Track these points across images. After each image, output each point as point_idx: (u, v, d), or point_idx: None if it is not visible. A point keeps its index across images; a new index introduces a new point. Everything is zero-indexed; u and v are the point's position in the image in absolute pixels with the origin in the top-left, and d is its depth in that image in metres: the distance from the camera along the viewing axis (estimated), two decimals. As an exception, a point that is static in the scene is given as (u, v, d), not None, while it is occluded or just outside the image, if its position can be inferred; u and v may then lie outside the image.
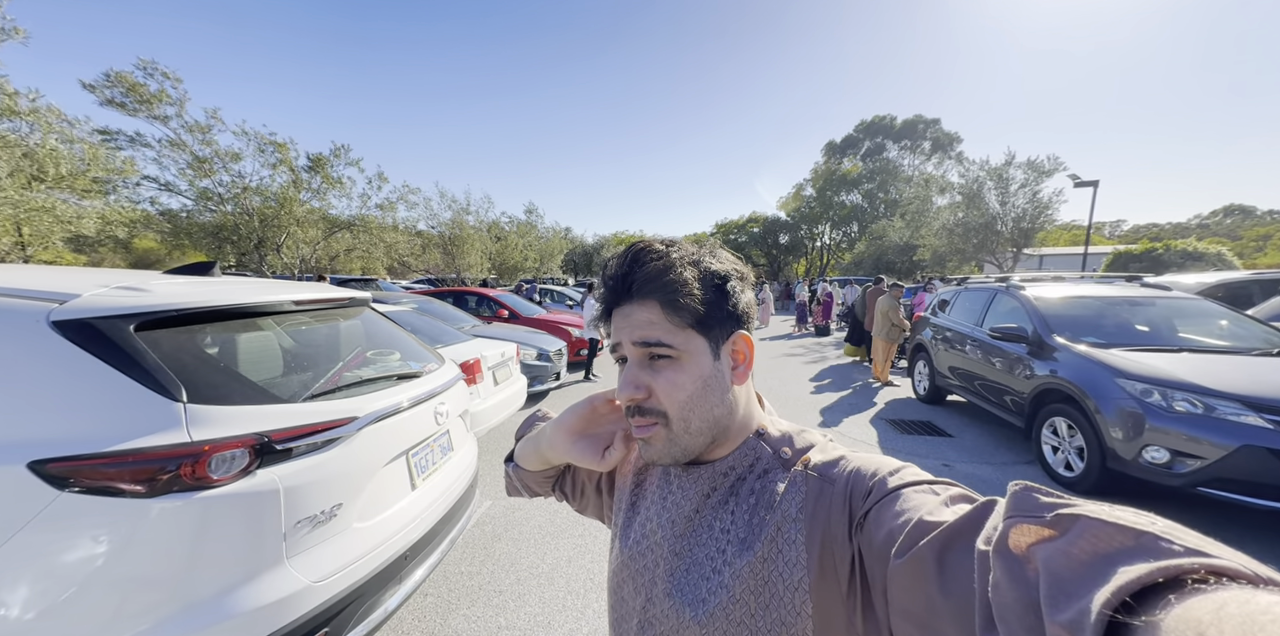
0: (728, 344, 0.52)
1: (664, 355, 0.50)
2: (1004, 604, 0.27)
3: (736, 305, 0.52)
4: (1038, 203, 15.29)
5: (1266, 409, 2.66)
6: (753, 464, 0.53)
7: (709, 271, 0.51)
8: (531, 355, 5.62)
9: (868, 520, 0.42)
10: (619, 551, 0.61)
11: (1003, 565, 0.28)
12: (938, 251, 18.33)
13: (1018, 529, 0.29)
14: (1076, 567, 0.25)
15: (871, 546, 0.40)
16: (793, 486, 0.49)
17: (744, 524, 0.49)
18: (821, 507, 0.46)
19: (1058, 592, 0.25)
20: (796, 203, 38.86)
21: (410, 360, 2.16)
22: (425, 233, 19.91)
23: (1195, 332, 3.83)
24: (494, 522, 3.03)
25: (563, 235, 37.27)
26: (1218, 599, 0.21)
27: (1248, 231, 43.20)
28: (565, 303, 13.21)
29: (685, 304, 0.49)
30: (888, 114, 36.59)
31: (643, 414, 0.51)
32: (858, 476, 0.46)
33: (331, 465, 1.47)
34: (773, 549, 0.47)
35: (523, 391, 4.56)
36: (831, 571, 0.44)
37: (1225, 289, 5.91)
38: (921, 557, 0.34)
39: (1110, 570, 0.24)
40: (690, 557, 0.52)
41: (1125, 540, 0.25)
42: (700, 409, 0.51)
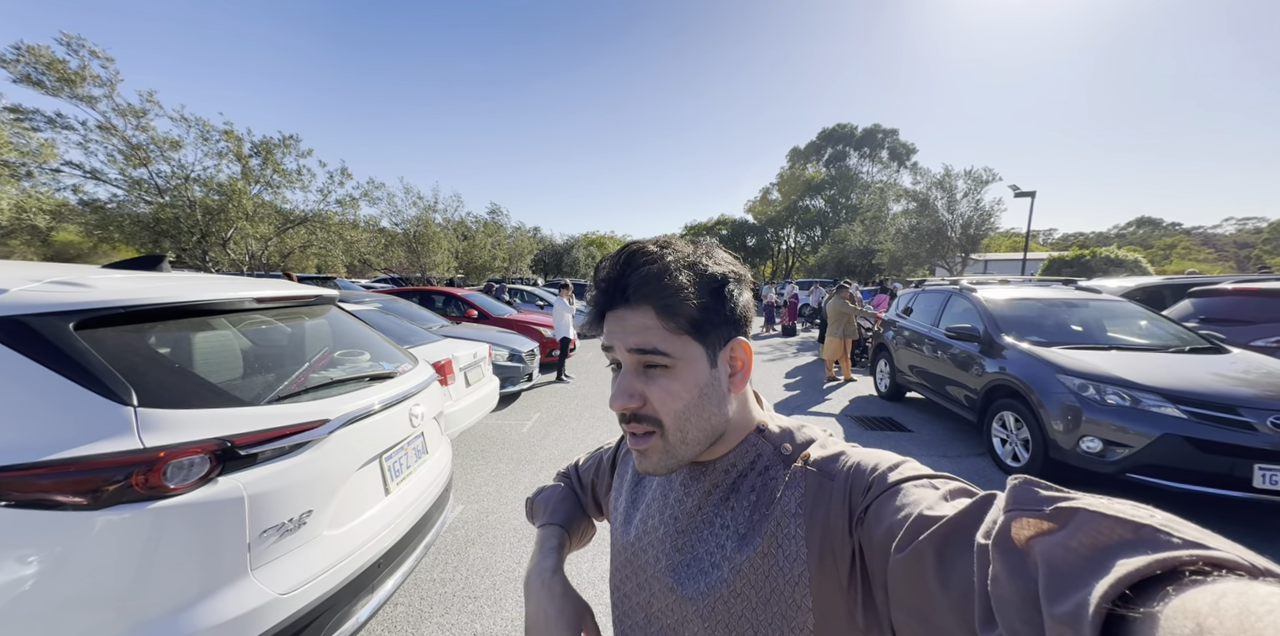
0: (725, 350, 0.50)
1: (659, 363, 0.48)
2: (1003, 597, 0.27)
3: (734, 309, 0.50)
4: (981, 211, 16.40)
5: (1182, 400, 2.95)
6: (754, 461, 0.52)
7: (706, 274, 0.49)
8: (503, 356, 5.51)
9: (868, 515, 0.42)
10: (621, 548, 0.60)
11: (1002, 558, 0.28)
12: (894, 255, 19.30)
13: (1017, 522, 0.29)
14: (1075, 560, 0.25)
15: (872, 541, 0.40)
16: (793, 482, 0.49)
17: (745, 519, 0.49)
18: (822, 502, 0.46)
19: (1056, 585, 0.25)
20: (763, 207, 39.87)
21: (382, 361, 2.08)
22: (389, 230, 19.13)
23: (1121, 332, 4.19)
24: (467, 527, 2.95)
25: (531, 235, 36.68)
26: (1216, 590, 0.21)
27: (1157, 241, 47.72)
28: (536, 303, 13.03)
29: (681, 309, 0.47)
30: (849, 123, 38.14)
31: (638, 421, 0.50)
32: (858, 471, 0.46)
33: (301, 470, 1.39)
34: (773, 544, 0.47)
35: (495, 392, 4.47)
36: (831, 565, 0.44)
37: (1143, 292, 6.53)
38: (921, 552, 0.34)
39: (1109, 562, 0.24)
40: (691, 553, 0.52)
41: (1124, 533, 0.25)
42: (696, 418, 0.49)
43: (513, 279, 27.23)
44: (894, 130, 36.44)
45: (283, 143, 13.67)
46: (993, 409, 3.96)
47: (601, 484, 0.75)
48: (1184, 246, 44.34)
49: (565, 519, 0.72)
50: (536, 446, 4.39)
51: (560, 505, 0.75)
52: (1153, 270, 14.88)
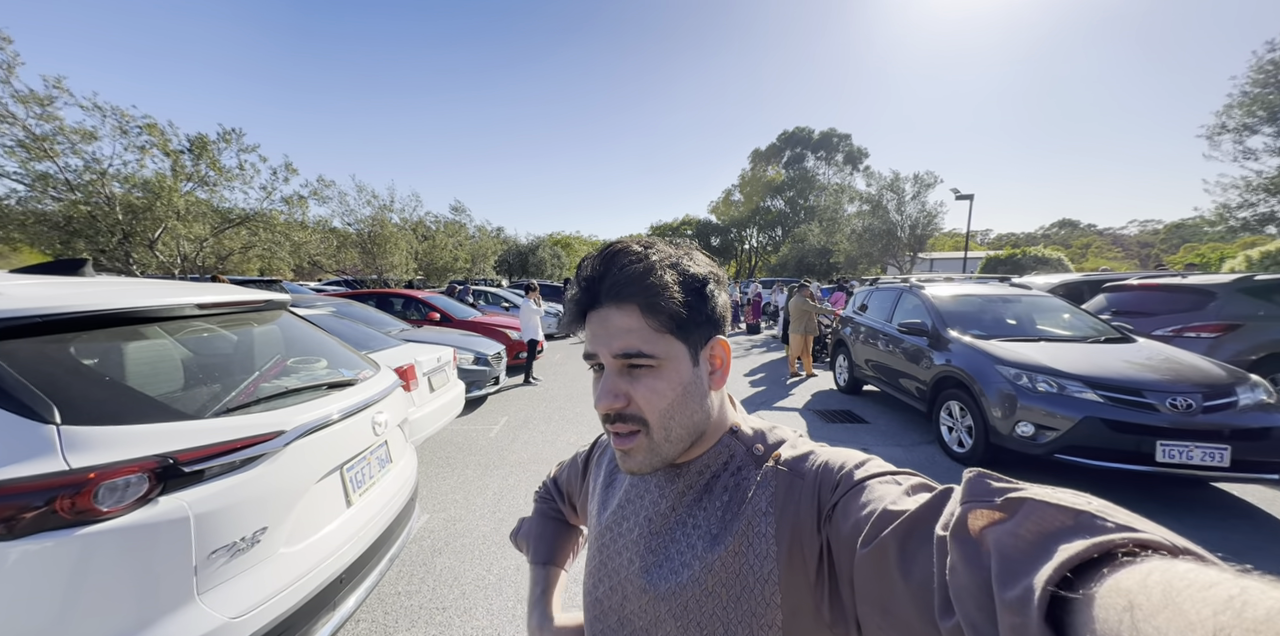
0: (706, 349, 0.52)
1: (644, 363, 0.49)
2: (960, 585, 0.28)
3: (714, 309, 0.51)
4: (926, 212, 17.46)
5: (1100, 386, 3.26)
6: (727, 461, 0.53)
7: (689, 274, 0.50)
8: (468, 359, 5.36)
9: (835, 512, 0.43)
10: (595, 551, 0.60)
11: (959, 549, 0.30)
12: (850, 255, 20.21)
13: (972, 513, 0.30)
14: (1024, 547, 0.27)
15: (839, 537, 0.41)
16: (765, 481, 0.50)
17: (717, 519, 0.50)
18: (791, 501, 0.47)
19: (1007, 572, 0.26)
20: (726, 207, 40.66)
21: (341, 367, 1.99)
22: (341, 230, 18.15)
23: (1048, 324, 4.57)
24: (433, 537, 2.86)
25: (495, 235, 35.83)
26: (1144, 569, 0.23)
27: (1075, 241, 52.19)
28: (501, 305, 12.74)
29: (665, 307, 0.47)
30: (806, 126, 39.52)
31: (623, 420, 0.50)
32: (826, 470, 0.47)
33: (254, 485, 1.32)
34: (744, 542, 0.47)
35: (460, 397, 4.34)
36: (800, 562, 0.45)
37: (1065, 288, 7.23)
38: (885, 545, 0.35)
39: (1052, 548, 0.26)
40: (664, 553, 0.52)
41: (1065, 519, 0.27)
42: (680, 416, 0.50)
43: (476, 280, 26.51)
44: (848, 135, 38.08)
45: (223, 137, 12.65)
46: (940, 399, 4.22)
47: (577, 489, 0.74)
48: (1097, 246, 48.63)
49: (549, 554, 0.74)
50: (505, 450, 4.31)
51: (542, 538, 0.75)
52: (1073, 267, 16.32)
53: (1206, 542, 0.25)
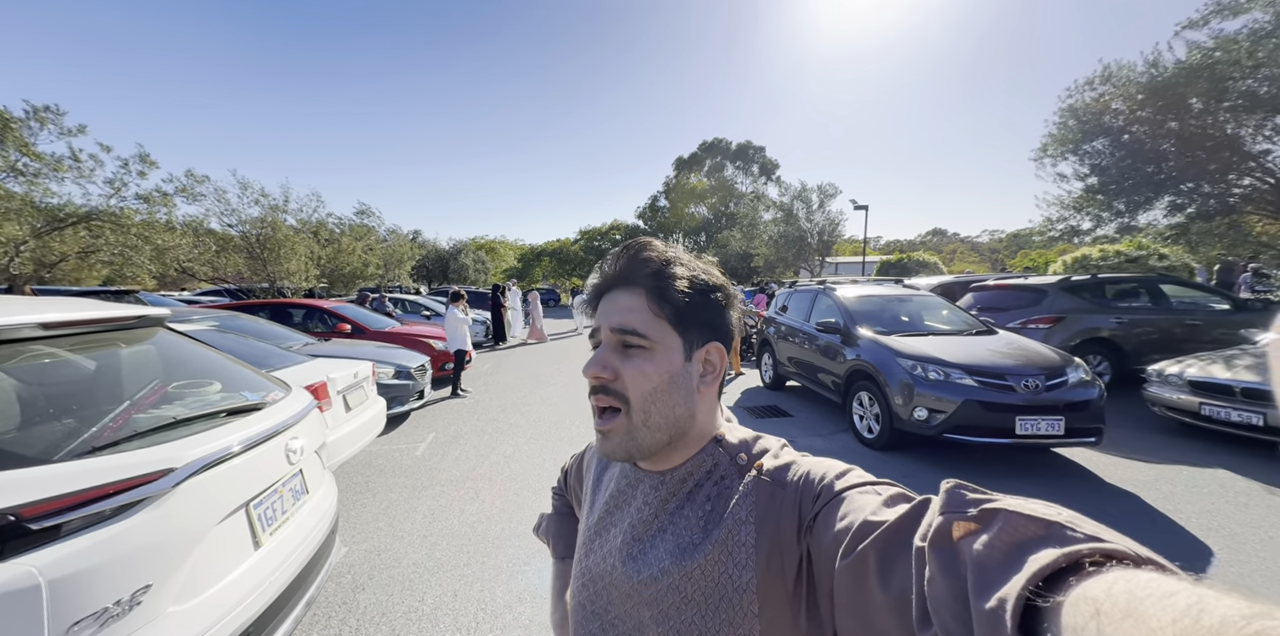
0: (701, 350, 0.53)
1: (638, 344, 0.51)
2: (937, 596, 0.29)
3: (718, 317, 0.54)
4: (831, 220, 19.31)
5: (975, 372, 3.82)
6: (710, 470, 0.53)
7: (700, 278, 0.54)
8: (388, 373, 4.93)
9: (816, 522, 0.43)
10: (580, 555, 0.62)
11: (937, 559, 0.30)
12: (769, 259, 21.69)
13: (948, 524, 0.31)
14: (998, 557, 0.27)
15: (820, 548, 0.41)
16: (747, 491, 0.50)
17: (699, 528, 0.50)
18: (772, 511, 0.47)
19: (982, 581, 0.27)
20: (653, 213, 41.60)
21: (242, 390, 1.74)
22: (221, 233, 15.72)
23: (933, 320, 5.26)
24: (354, 571, 2.60)
25: (411, 239, 33.34)
26: (1109, 578, 0.23)
27: (945, 247, 60.82)
28: (421, 313, 11.89)
29: (670, 297, 0.51)
30: (724, 138, 41.70)
31: (606, 393, 0.52)
32: (807, 480, 0.47)
33: (134, 537, 1.11)
34: (724, 551, 0.48)
35: (381, 415, 3.98)
36: (779, 573, 0.45)
37: (942, 288, 8.51)
38: (865, 556, 0.36)
39: (1025, 558, 0.26)
40: (644, 560, 0.52)
41: (1037, 530, 0.27)
42: (662, 403, 0.51)
43: (390, 287, 24.39)
44: (762, 147, 40.84)
45: (34, 115, 9.84)
46: (852, 390, 4.67)
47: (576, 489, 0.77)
48: (960, 251, 56.89)
49: (567, 549, 0.76)
50: (434, 469, 4.03)
51: (560, 534, 0.78)
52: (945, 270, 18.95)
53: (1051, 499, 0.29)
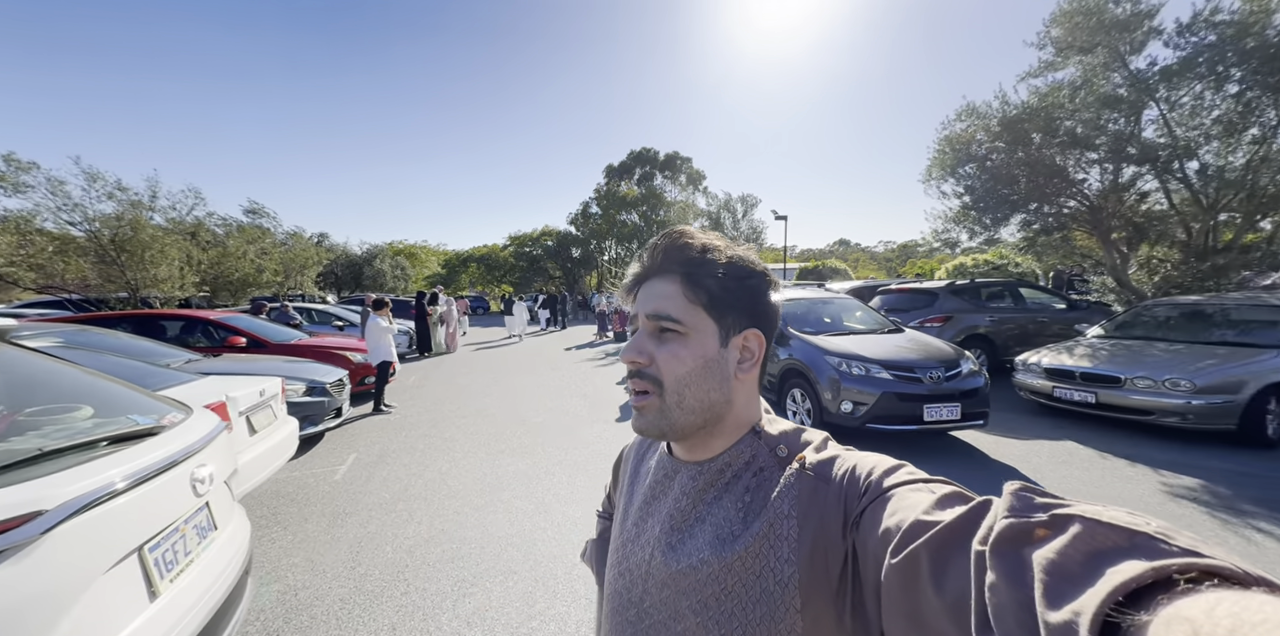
0: (739, 337, 0.53)
1: (671, 329, 0.52)
2: (1000, 604, 0.27)
3: (756, 302, 0.54)
4: (754, 229, 20.62)
5: (891, 367, 4.27)
6: (749, 461, 0.53)
7: (736, 263, 0.53)
8: (299, 390, 4.40)
9: (863, 519, 0.42)
10: (617, 545, 0.62)
11: (999, 565, 0.28)
12: (699, 266, 22.61)
13: (1014, 528, 0.29)
14: (1072, 567, 0.25)
15: (866, 545, 0.40)
16: (788, 483, 0.49)
17: (738, 519, 0.50)
18: (816, 505, 0.46)
19: (1053, 592, 0.25)
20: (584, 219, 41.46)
21: (127, 413, 1.46)
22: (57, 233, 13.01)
23: (851, 321, 5.80)
24: (266, 615, 2.28)
25: (315, 243, 30.10)
26: (1210, 599, 0.21)
27: (850, 256, 67.62)
28: (333, 323, 10.78)
29: (704, 283, 0.51)
30: (652, 147, 42.82)
31: (641, 377, 0.53)
32: (853, 475, 0.46)
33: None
34: (765, 544, 0.47)
35: (292, 437, 3.54)
36: (823, 569, 0.44)
37: (855, 291, 9.49)
38: (916, 557, 0.34)
39: (1104, 569, 0.24)
40: (682, 550, 0.52)
41: (1119, 539, 0.25)
42: (696, 387, 0.52)
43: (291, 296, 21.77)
44: (689, 158, 42.42)
45: None
46: (786, 387, 4.99)
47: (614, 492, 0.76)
48: (862, 260, 63.41)
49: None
50: (358, 493, 3.66)
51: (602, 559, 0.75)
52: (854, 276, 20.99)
53: (949, 476, 0.45)
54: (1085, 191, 8.03)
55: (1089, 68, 7.40)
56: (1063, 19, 7.56)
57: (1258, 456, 3.98)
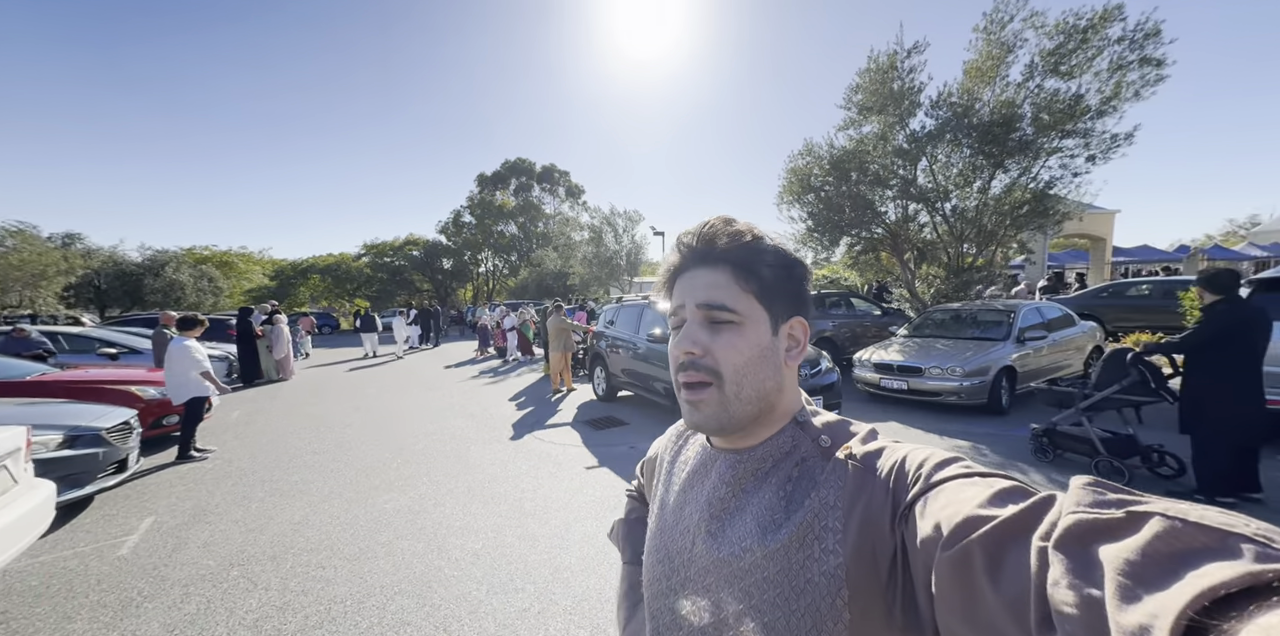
0: (786, 325, 0.54)
1: (726, 320, 0.51)
2: (1064, 602, 0.26)
3: (800, 292, 0.55)
4: (636, 244, 21.59)
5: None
6: (790, 451, 0.53)
7: (783, 253, 0.54)
8: (53, 442, 3.16)
9: (912, 511, 0.40)
10: (655, 533, 0.61)
11: (1065, 561, 0.27)
12: (584, 278, 22.67)
13: (1082, 524, 0.28)
14: (1150, 567, 0.24)
15: (916, 539, 0.39)
16: (832, 474, 0.48)
17: (780, 508, 0.49)
18: (862, 496, 0.45)
19: (1127, 592, 0.23)
20: (458, 229, 38.63)
21: None
22: None
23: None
24: None
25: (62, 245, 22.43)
26: None
27: None
28: (99, 351, 8.07)
29: (757, 272, 0.52)
30: (528, 158, 42.10)
31: (695, 369, 0.52)
32: (902, 466, 0.45)
33: None
34: (809, 534, 0.46)
35: (45, 506, 2.51)
36: (870, 561, 0.43)
37: None
38: (970, 551, 0.33)
39: (1187, 572, 0.23)
40: (723, 538, 0.52)
41: (1209, 540, 0.24)
42: (754, 376, 0.51)
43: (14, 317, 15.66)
44: (567, 171, 42.71)
45: None
46: (680, 391, 5.24)
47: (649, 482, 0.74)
48: None
49: (636, 554, 0.74)
50: (163, 567, 2.76)
51: (628, 538, 0.77)
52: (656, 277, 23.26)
53: None
54: (886, 221, 10.20)
55: (884, 125, 9.50)
56: (860, 88, 9.63)
57: (999, 421, 5.40)
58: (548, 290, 25.97)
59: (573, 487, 3.91)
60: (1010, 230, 9.30)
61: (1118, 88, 7.90)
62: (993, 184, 9.18)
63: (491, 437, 5.36)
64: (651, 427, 5.63)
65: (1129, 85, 7.85)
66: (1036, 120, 8.40)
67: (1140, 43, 7.67)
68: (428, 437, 5.37)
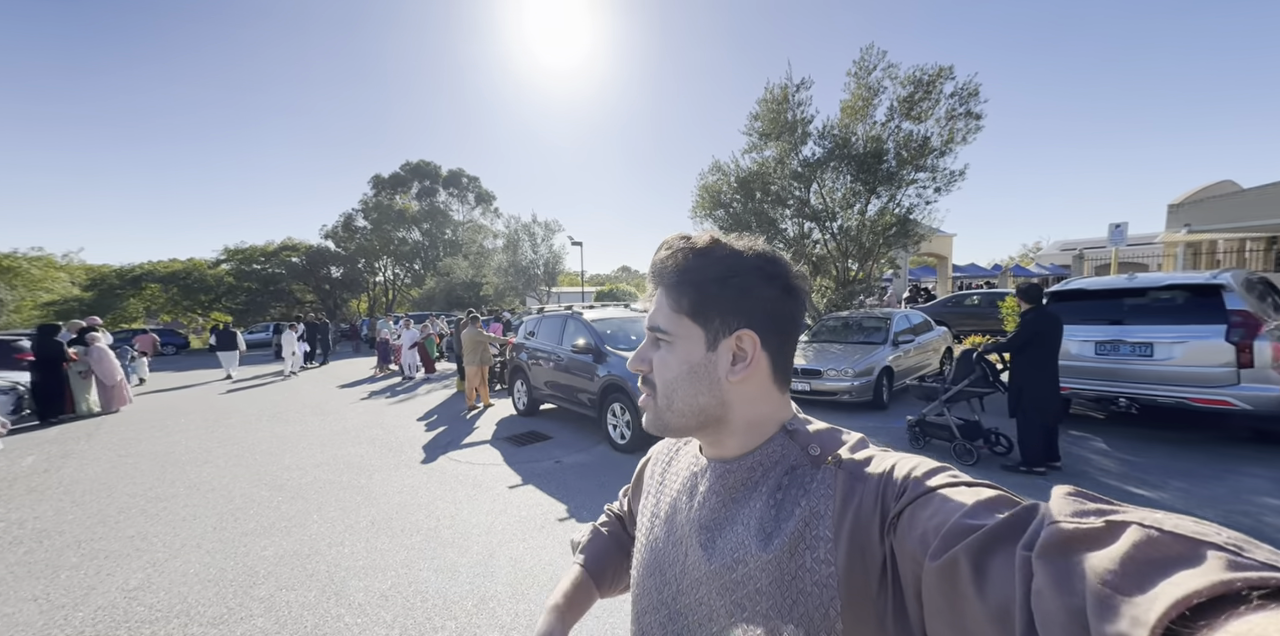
0: (730, 339, 0.52)
1: (663, 339, 0.55)
2: (1047, 611, 0.26)
3: (743, 302, 0.52)
4: (554, 254, 21.30)
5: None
6: (778, 460, 0.53)
7: (720, 264, 0.53)
8: None
9: (901, 520, 0.41)
10: (645, 545, 0.62)
11: (1047, 571, 0.27)
12: (499, 288, 21.74)
13: (1064, 533, 0.28)
14: (1129, 576, 0.24)
15: (904, 547, 0.39)
16: (822, 483, 0.48)
17: (770, 518, 0.49)
18: (850, 505, 0.45)
19: (1106, 602, 0.24)
20: (347, 233, 34.77)
21: None
22: None
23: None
24: None
25: None
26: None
27: (633, 281, 77.27)
28: None
29: (684, 291, 0.53)
30: (432, 161, 39.42)
31: (646, 383, 0.58)
32: (891, 475, 0.45)
33: None
34: (800, 544, 0.46)
35: None
36: (860, 570, 0.43)
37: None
38: (956, 560, 0.33)
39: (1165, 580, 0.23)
40: (714, 549, 0.52)
41: (1183, 549, 0.24)
42: (682, 392, 0.53)
43: None
44: (476, 177, 40.74)
45: None
46: (606, 403, 5.27)
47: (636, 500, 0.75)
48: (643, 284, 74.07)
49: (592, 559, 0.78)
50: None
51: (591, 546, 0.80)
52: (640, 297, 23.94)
53: None
54: (786, 236, 11.29)
55: (781, 150, 10.57)
56: (760, 116, 10.68)
57: (882, 415, 6.22)
58: (458, 301, 24.40)
59: (495, 509, 3.72)
60: (883, 248, 10.84)
61: (952, 133, 9.71)
62: (869, 207, 10.66)
63: (398, 463, 4.90)
64: (577, 440, 5.56)
65: (959, 132, 9.70)
66: (898, 155, 9.98)
67: (966, 98, 9.52)
68: (318, 468, 4.75)
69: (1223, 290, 4.29)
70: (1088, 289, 5.09)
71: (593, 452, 5.14)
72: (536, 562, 2.95)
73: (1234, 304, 4.19)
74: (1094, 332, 4.78)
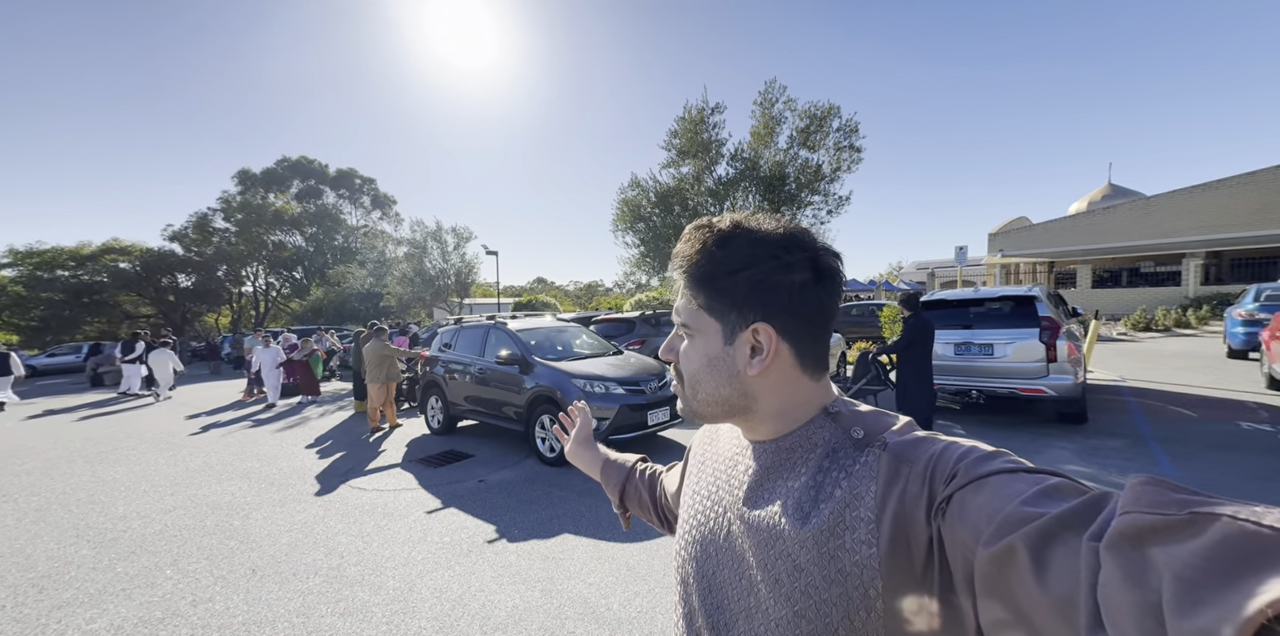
0: (746, 332, 0.52)
1: (687, 332, 0.57)
2: (1116, 605, 0.26)
3: (757, 293, 0.51)
4: (467, 263, 20.13)
5: (624, 383, 5.03)
6: (819, 441, 0.53)
7: (735, 256, 0.52)
8: None
9: (951, 504, 0.40)
10: (687, 519, 0.63)
11: (1117, 563, 0.27)
12: (403, 298, 19.85)
13: (1139, 524, 0.27)
14: (1215, 572, 0.23)
15: (954, 532, 0.38)
16: (865, 465, 0.48)
17: (809, 498, 0.49)
18: (895, 488, 0.45)
19: (1188, 597, 0.23)
20: (202, 235, 29.47)
21: None
22: None
23: (581, 346, 6.48)
24: None
25: None
26: None
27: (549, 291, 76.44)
28: None
29: (701, 287, 0.54)
30: (316, 159, 35.24)
31: (675, 372, 0.60)
32: (942, 458, 0.44)
33: None
34: (839, 524, 0.46)
35: None
36: (904, 552, 0.43)
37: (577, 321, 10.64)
38: (1014, 548, 0.33)
39: (1255, 579, 0.22)
40: (754, 526, 0.53)
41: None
42: (704, 383, 0.55)
43: None
44: (372, 179, 37.16)
45: None
46: (534, 415, 5.05)
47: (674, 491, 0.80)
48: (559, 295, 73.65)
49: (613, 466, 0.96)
50: None
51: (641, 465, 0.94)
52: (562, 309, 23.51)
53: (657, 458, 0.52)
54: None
55: (698, 168, 11.25)
56: (679, 133, 11.33)
57: None
58: (352, 313, 21.83)
59: (412, 538, 3.35)
60: (789, 263, 12.13)
61: (839, 162, 11.16)
62: (774, 226, 11.84)
63: (284, 498, 4.20)
64: (501, 457, 5.23)
65: (845, 162, 11.18)
66: (797, 180, 11.16)
67: (849, 133, 11.03)
68: (168, 515, 3.89)
69: (1035, 300, 5.40)
70: (948, 299, 6.10)
71: (520, 468, 4.87)
72: (466, 590, 2.69)
73: (1043, 311, 5.29)
74: (953, 336, 5.71)
